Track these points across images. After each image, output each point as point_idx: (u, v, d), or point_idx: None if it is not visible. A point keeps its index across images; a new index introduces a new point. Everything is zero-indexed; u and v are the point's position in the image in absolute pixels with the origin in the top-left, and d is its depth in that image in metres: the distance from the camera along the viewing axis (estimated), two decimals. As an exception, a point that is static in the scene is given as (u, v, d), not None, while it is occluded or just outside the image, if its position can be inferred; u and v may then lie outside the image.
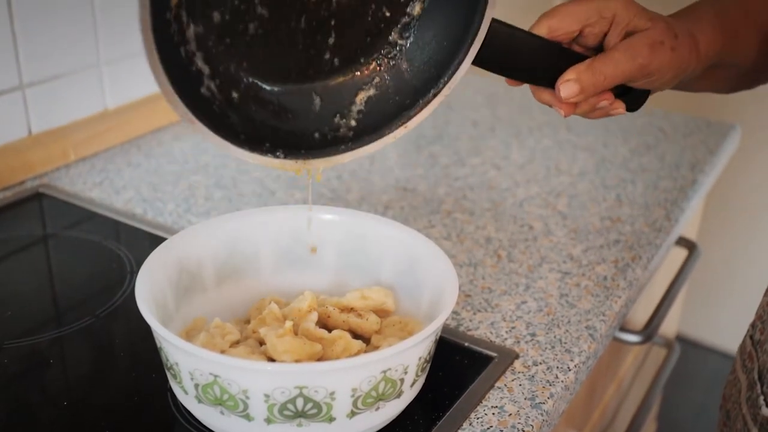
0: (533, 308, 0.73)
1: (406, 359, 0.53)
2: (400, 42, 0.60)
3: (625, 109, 0.65)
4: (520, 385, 0.64)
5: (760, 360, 0.66)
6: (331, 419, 0.52)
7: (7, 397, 0.61)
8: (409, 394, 0.56)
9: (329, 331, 0.59)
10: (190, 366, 0.52)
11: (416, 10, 0.59)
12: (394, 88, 0.60)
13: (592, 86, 0.60)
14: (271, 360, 0.56)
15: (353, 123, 0.59)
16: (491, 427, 0.59)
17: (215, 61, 0.53)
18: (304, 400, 0.51)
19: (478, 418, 0.60)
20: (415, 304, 0.63)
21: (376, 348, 0.60)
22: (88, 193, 0.91)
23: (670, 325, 1.37)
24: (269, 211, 0.68)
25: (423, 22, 0.59)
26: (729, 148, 1.15)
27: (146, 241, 0.82)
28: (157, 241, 0.78)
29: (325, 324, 0.62)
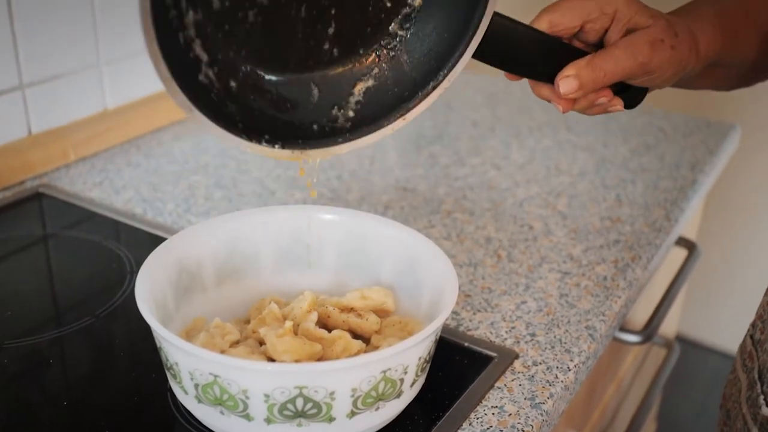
0: (533, 308, 0.73)
1: (406, 359, 0.53)
2: (401, 33, 0.59)
3: (623, 106, 0.65)
4: (520, 385, 0.63)
5: (761, 359, 0.66)
6: (331, 419, 0.52)
7: (7, 397, 0.61)
8: (409, 394, 0.56)
9: (329, 331, 0.59)
10: (190, 366, 0.52)
11: (417, 1, 0.59)
12: (393, 80, 0.59)
13: (591, 83, 0.60)
14: (271, 360, 0.56)
15: (351, 114, 0.59)
16: (491, 427, 0.59)
17: (214, 49, 0.52)
18: (304, 400, 0.51)
19: (477, 418, 0.60)
20: (415, 304, 0.63)
21: (376, 348, 0.60)
22: (88, 193, 0.91)
23: (669, 325, 1.37)
24: (269, 211, 0.68)
25: (424, 14, 0.59)
26: (729, 148, 1.15)
27: (146, 241, 0.82)
28: (157, 241, 0.78)
29: (325, 324, 0.62)
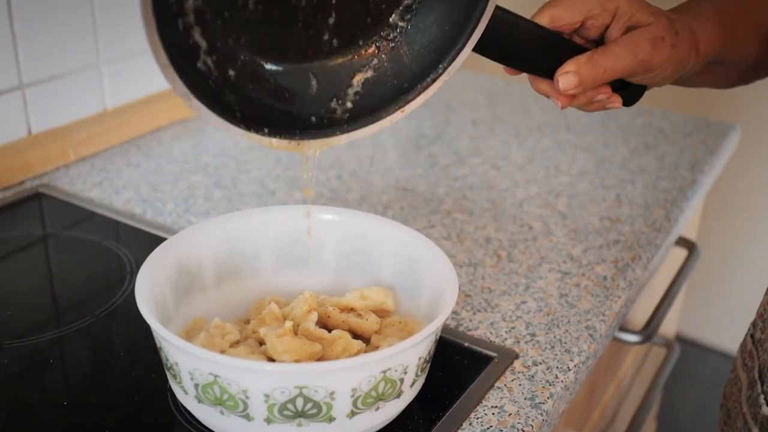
0: (533, 308, 0.73)
1: (405, 359, 0.53)
2: (401, 24, 0.59)
3: (621, 103, 0.65)
4: (520, 385, 0.63)
5: (761, 359, 0.66)
6: (331, 419, 0.52)
7: (7, 397, 0.61)
8: (408, 394, 0.56)
9: (329, 331, 0.59)
10: (190, 366, 0.52)
11: None
12: (392, 71, 0.59)
13: (591, 79, 0.60)
14: (271, 360, 0.56)
15: (349, 105, 0.58)
16: (491, 427, 0.59)
17: (213, 36, 0.52)
18: (303, 400, 0.51)
19: (477, 418, 0.60)
20: (415, 304, 0.63)
21: (376, 348, 0.60)
22: (88, 193, 0.91)
23: (669, 325, 1.37)
24: (269, 211, 0.68)
25: (425, 5, 0.59)
26: (728, 148, 1.15)
27: (146, 241, 0.81)
28: (156, 241, 0.78)
29: (324, 324, 0.62)
